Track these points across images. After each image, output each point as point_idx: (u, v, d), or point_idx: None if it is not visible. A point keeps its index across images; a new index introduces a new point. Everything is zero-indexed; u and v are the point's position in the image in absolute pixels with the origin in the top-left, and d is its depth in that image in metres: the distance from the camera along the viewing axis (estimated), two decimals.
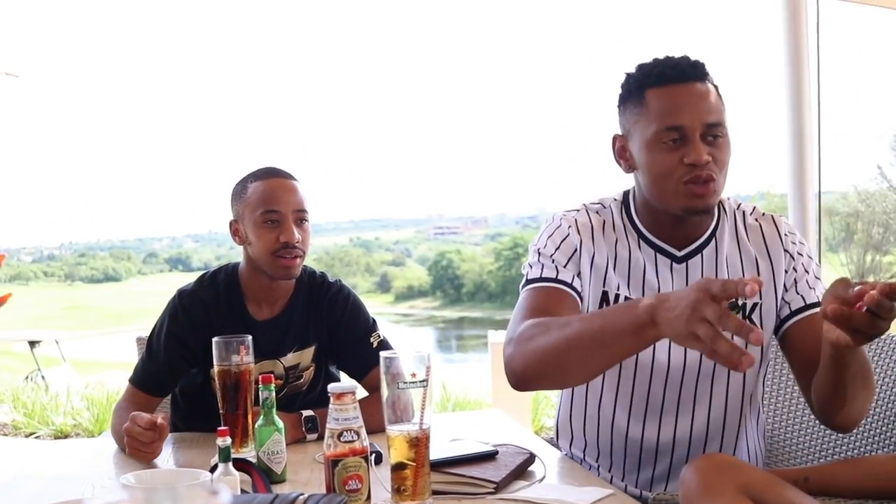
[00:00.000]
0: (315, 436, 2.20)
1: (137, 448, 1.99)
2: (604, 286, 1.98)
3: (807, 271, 1.97)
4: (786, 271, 1.97)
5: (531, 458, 1.93)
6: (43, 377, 9.76)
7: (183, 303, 2.40)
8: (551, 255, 1.97)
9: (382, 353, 1.65)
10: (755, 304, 1.95)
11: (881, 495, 1.73)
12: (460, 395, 7.47)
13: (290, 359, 2.39)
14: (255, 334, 2.19)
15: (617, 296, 1.96)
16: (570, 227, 2.00)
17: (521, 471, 1.88)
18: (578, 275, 1.96)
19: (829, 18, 3.81)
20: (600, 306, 1.96)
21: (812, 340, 1.81)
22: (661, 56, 1.92)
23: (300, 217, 2.32)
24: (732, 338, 1.38)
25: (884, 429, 2.09)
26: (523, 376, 1.77)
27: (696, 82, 1.88)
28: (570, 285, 1.93)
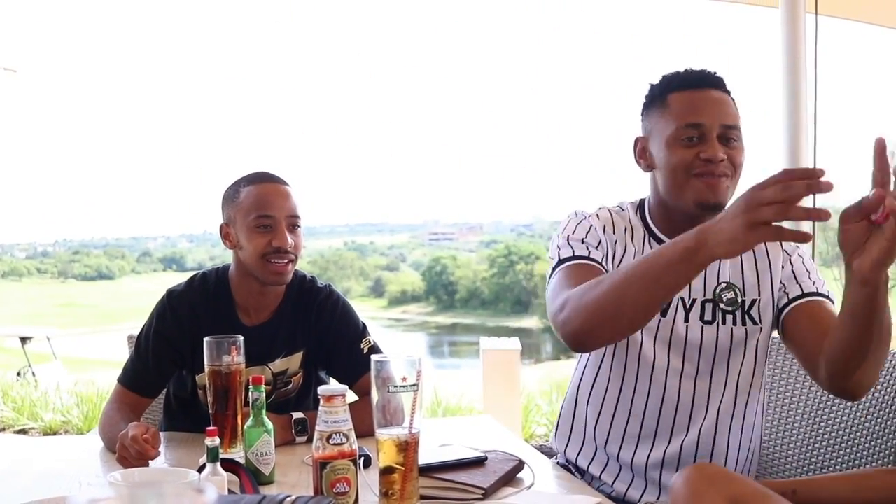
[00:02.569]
0: (304, 438, 2.20)
1: (126, 458, 1.97)
2: None
3: (806, 268, 2.07)
4: (782, 267, 2.06)
5: (520, 465, 1.93)
6: (33, 373, 9.75)
7: (172, 303, 2.39)
8: (581, 239, 2.03)
9: (373, 357, 1.65)
10: (753, 301, 2.04)
11: None
12: (451, 401, 7.47)
13: (278, 364, 2.37)
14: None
15: None
16: (593, 222, 2.08)
17: (510, 478, 1.88)
18: (605, 257, 2.03)
19: (828, 35, 3.82)
20: None
21: (811, 326, 1.95)
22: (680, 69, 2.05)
23: (293, 223, 2.31)
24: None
25: (873, 443, 2.09)
26: (582, 331, 1.81)
27: (716, 90, 2.00)
28: (601, 264, 2.00)
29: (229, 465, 1.79)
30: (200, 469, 1.74)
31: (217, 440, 1.73)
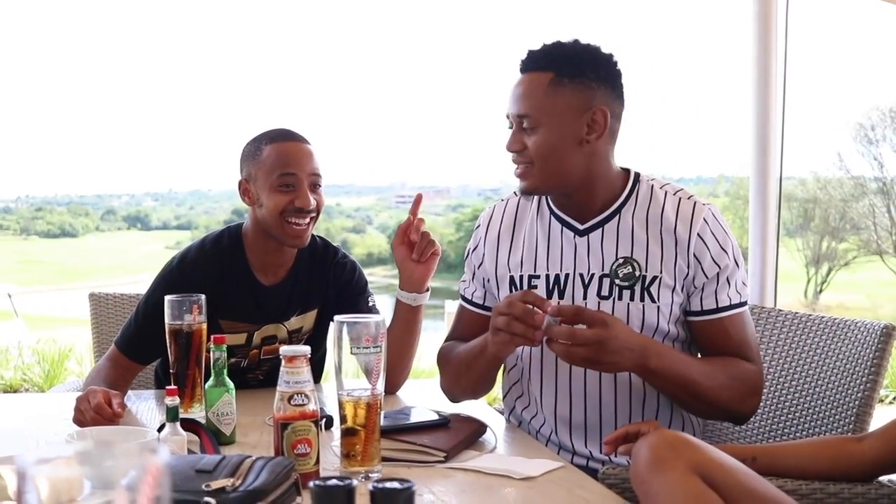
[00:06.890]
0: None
1: (82, 420, 1.94)
2: (510, 271, 2.10)
3: (718, 275, 1.97)
4: (689, 264, 1.96)
5: (482, 427, 1.93)
6: None
7: (184, 271, 2.33)
8: (466, 267, 2.23)
9: (337, 318, 1.65)
10: (655, 277, 1.97)
11: (826, 476, 1.74)
12: (415, 363, 7.47)
13: (293, 322, 2.38)
14: (261, 299, 2.22)
15: (521, 277, 2.08)
16: (481, 226, 2.23)
17: (472, 440, 1.88)
18: (482, 283, 2.18)
19: (798, 6, 3.82)
20: (510, 290, 2.08)
21: (718, 341, 1.98)
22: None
23: (315, 182, 2.30)
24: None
25: (833, 411, 2.11)
26: (450, 397, 2.20)
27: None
28: (472, 302, 2.20)
29: (190, 425, 1.78)
30: (161, 428, 1.73)
31: (176, 399, 1.71)
